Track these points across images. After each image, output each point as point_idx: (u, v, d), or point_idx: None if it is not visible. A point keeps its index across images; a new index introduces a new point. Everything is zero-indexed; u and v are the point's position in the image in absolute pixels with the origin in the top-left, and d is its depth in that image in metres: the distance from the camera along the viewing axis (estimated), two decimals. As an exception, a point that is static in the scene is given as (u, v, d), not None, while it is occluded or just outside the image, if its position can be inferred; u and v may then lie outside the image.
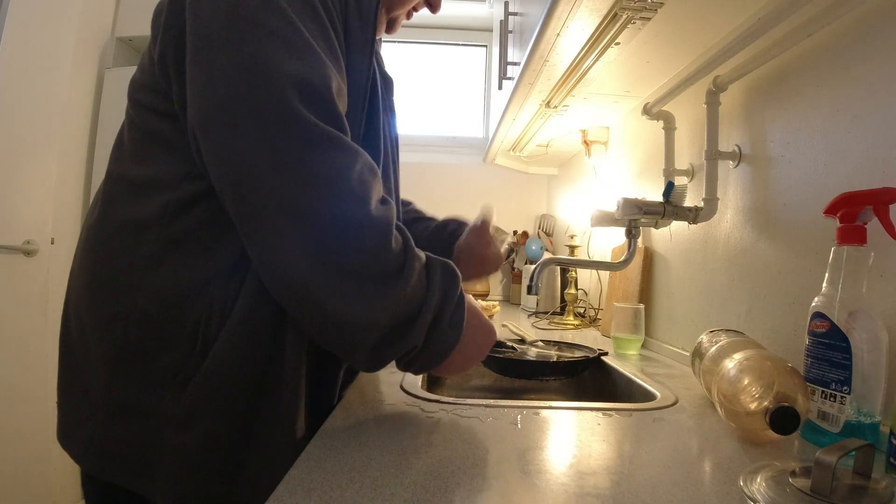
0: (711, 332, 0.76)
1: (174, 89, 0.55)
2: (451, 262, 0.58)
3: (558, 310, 1.72)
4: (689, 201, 0.99)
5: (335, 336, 0.52)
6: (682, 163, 1.06)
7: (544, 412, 0.62)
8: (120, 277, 0.57)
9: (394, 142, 0.77)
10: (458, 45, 2.58)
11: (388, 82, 0.77)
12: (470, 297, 0.63)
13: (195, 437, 0.54)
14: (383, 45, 0.90)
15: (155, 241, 0.56)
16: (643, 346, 1.12)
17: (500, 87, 1.54)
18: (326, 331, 0.52)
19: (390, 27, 0.76)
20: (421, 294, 0.53)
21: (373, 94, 0.66)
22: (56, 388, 0.63)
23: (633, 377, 0.85)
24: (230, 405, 0.55)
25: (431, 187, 2.36)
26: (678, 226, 1.07)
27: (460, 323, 0.57)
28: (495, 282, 2.29)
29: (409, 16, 0.77)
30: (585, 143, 1.56)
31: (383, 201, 0.54)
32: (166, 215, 0.56)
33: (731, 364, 0.58)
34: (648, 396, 0.75)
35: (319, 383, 0.64)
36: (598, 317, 1.52)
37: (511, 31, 1.41)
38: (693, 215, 0.94)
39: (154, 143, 0.58)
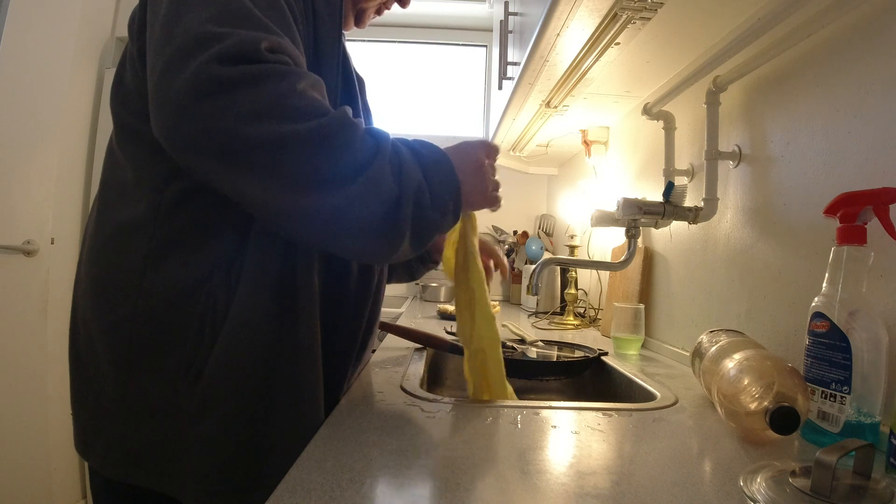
0: (711, 332, 0.76)
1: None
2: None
3: (558, 310, 1.72)
4: (689, 201, 0.99)
5: (355, 240, 0.50)
6: (682, 163, 1.06)
7: (544, 412, 0.62)
8: (119, 281, 0.57)
9: None
10: (458, 45, 2.58)
11: (360, 82, 0.76)
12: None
13: (213, 426, 0.54)
14: (382, 44, 0.90)
15: (150, 243, 0.56)
16: (643, 346, 1.12)
17: (500, 87, 1.54)
18: (341, 241, 0.50)
19: (359, 20, 0.75)
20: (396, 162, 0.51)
21: (346, 82, 0.65)
22: (69, 398, 0.63)
23: (633, 377, 0.85)
24: (244, 390, 0.55)
25: (431, 187, 2.35)
26: (678, 226, 1.07)
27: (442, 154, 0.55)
28: (495, 282, 2.29)
29: (380, 11, 0.76)
30: (585, 143, 1.56)
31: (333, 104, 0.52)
32: (158, 216, 0.56)
33: (731, 364, 0.58)
34: (648, 396, 0.75)
35: (333, 363, 0.64)
36: (598, 317, 1.52)
37: (511, 31, 1.41)
38: (693, 215, 0.94)
39: (138, 145, 0.58)
